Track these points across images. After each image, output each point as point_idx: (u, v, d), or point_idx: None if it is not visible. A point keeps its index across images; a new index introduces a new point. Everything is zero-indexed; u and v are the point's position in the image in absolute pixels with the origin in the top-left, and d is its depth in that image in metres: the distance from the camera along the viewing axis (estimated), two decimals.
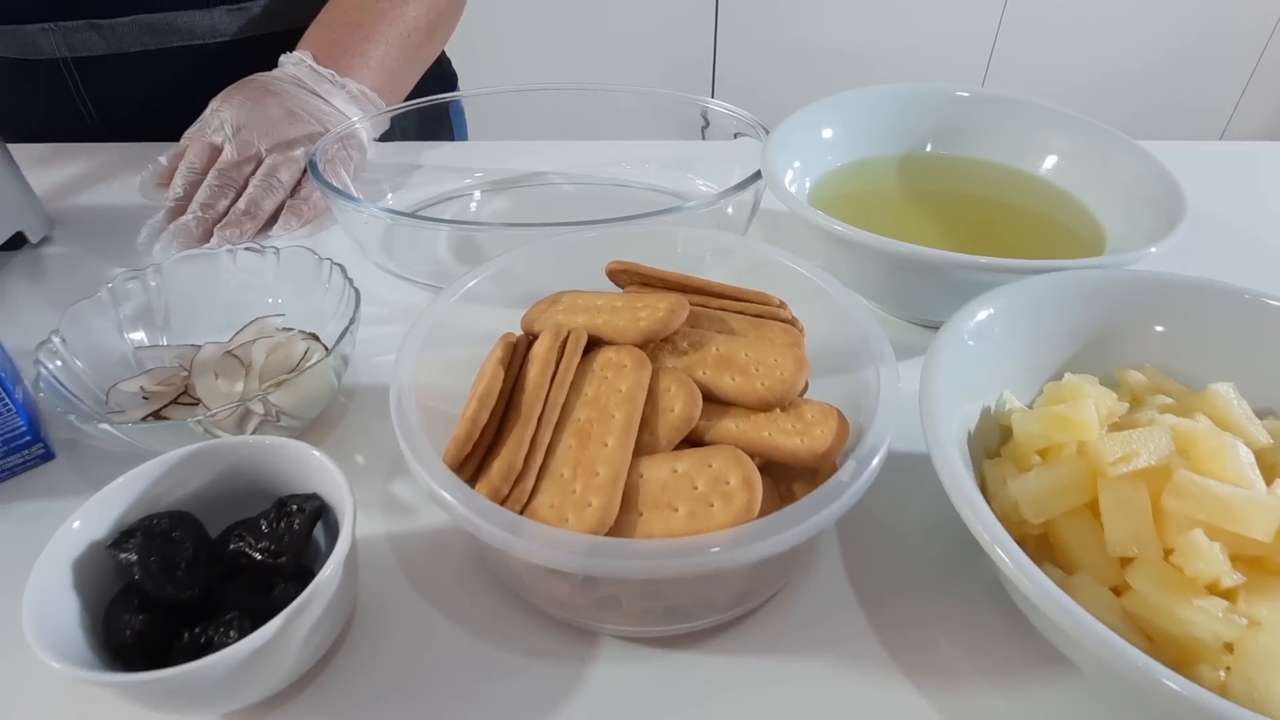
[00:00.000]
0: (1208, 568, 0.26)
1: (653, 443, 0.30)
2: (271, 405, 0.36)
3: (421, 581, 0.35)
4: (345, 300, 0.41)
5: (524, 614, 0.33)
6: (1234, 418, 0.33)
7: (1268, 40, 1.71)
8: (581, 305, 0.36)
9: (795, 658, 0.32)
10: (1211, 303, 0.37)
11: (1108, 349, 0.37)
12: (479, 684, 0.31)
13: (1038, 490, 0.30)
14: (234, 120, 0.57)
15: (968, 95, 0.52)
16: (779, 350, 0.32)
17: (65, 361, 0.38)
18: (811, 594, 0.34)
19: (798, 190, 0.49)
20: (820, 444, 0.29)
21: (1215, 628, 0.26)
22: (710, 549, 0.25)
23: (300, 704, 0.31)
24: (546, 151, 0.65)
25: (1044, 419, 0.32)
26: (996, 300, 0.36)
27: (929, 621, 0.33)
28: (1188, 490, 0.28)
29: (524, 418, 0.30)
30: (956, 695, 0.31)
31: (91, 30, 0.66)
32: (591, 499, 0.28)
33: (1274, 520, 0.27)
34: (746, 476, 0.27)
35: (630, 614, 0.31)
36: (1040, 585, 0.25)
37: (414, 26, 0.65)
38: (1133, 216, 0.45)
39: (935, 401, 0.31)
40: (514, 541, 0.26)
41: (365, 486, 0.39)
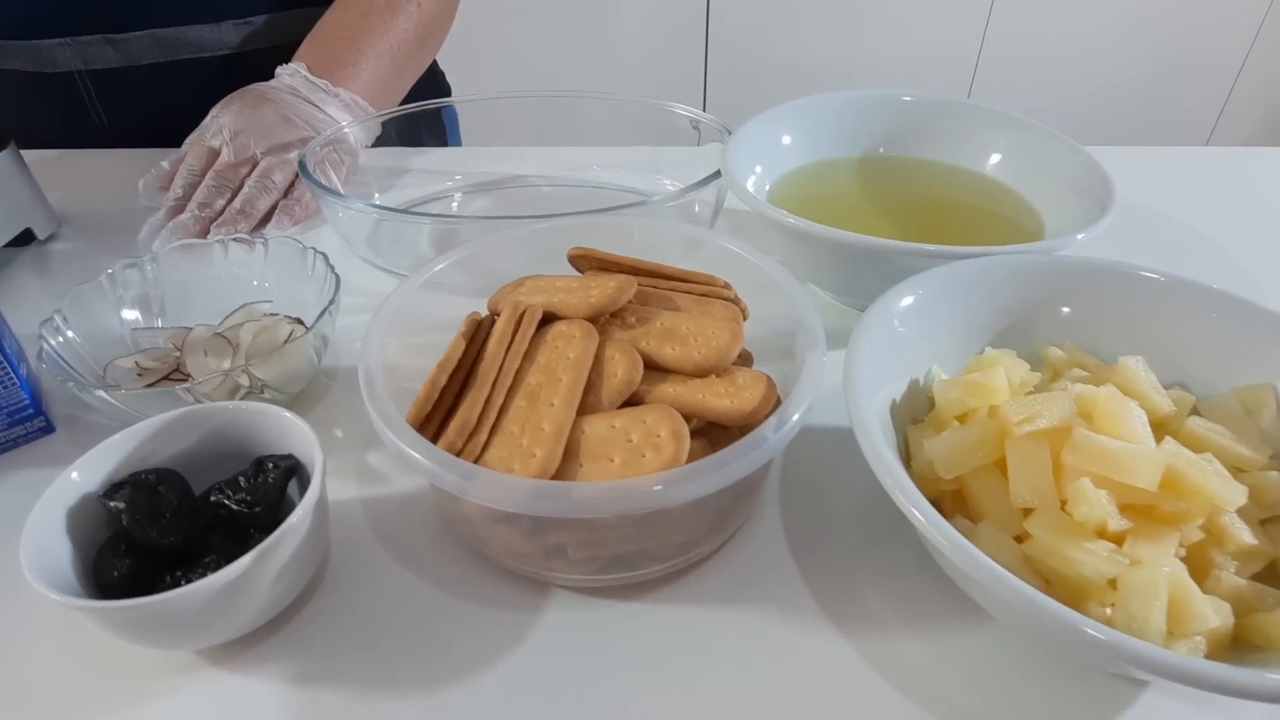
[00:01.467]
0: (1092, 511, 0.29)
1: (597, 404, 0.33)
2: (256, 378, 0.39)
3: (389, 540, 0.37)
4: (328, 287, 0.44)
5: (482, 568, 0.36)
6: (1141, 387, 0.35)
7: (1249, 50, 1.75)
8: (543, 287, 0.39)
9: (732, 609, 0.34)
10: (1127, 284, 0.39)
11: (1033, 328, 0.40)
12: (437, 631, 0.34)
13: (949, 449, 0.33)
14: (232, 125, 0.60)
15: (912, 100, 0.55)
16: (717, 323, 0.35)
17: (66, 338, 0.41)
18: (751, 552, 0.37)
19: (756, 190, 0.52)
20: (748, 404, 0.32)
21: (1100, 566, 0.28)
22: (637, 491, 0.28)
23: (271, 645, 0.33)
24: (529, 156, 0.69)
25: (960, 386, 0.35)
26: (924, 283, 0.38)
27: (858, 576, 0.36)
28: (1084, 446, 0.31)
29: (480, 382, 0.33)
30: (879, 641, 0.33)
31: (106, 45, 0.70)
32: (536, 450, 0.30)
33: (1157, 470, 0.29)
34: (675, 430, 0.30)
35: (576, 562, 0.33)
36: (939, 528, 0.28)
37: (404, 39, 0.68)
38: (1069, 207, 0.48)
39: (858, 374, 0.33)
40: (465, 486, 0.29)
41: (342, 456, 0.42)
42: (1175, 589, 0.28)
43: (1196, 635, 0.28)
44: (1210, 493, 0.30)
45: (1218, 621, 0.28)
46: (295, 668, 0.32)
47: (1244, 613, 0.30)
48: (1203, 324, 0.38)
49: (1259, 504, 0.33)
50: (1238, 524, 0.31)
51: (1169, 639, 0.28)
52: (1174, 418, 0.35)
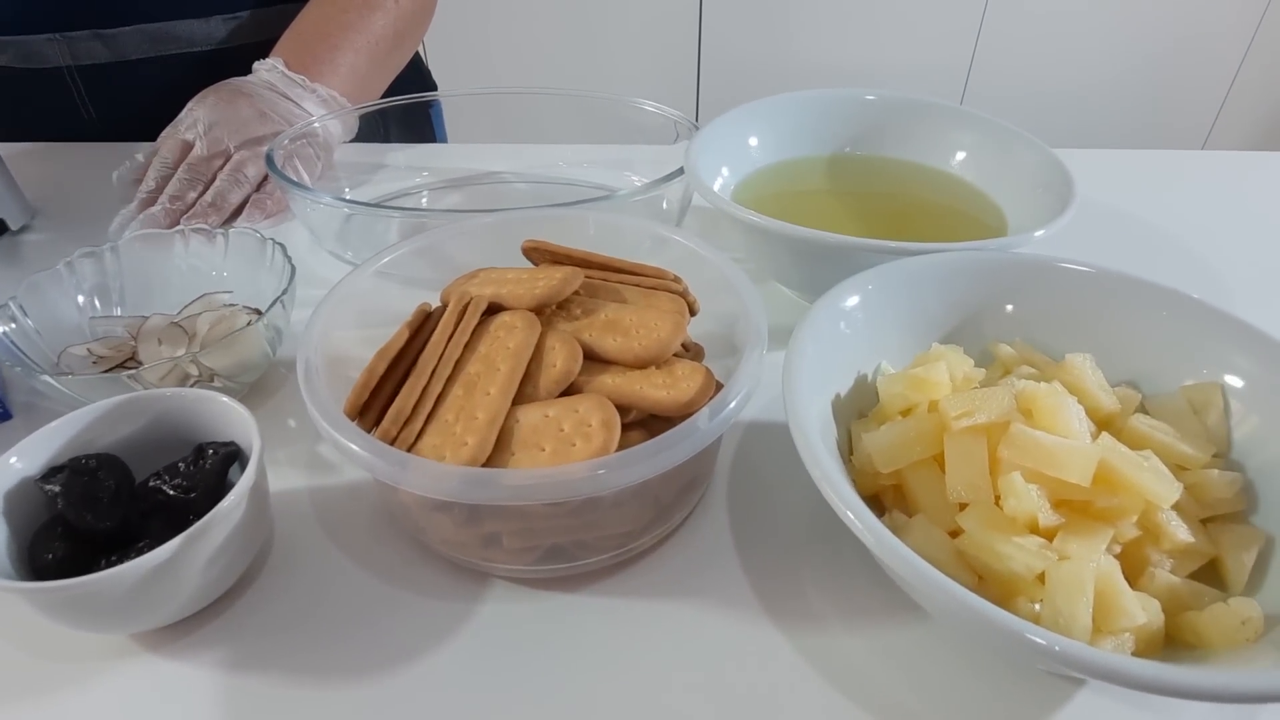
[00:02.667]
0: (1020, 504, 0.29)
1: (534, 394, 0.33)
2: (205, 367, 0.40)
3: (334, 529, 0.37)
4: (285, 277, 0.44)
5: (423, 558, 0.36)
6: (1086, 384, 0.35)
7: (1243, 56, 1.74)
8: (494, 278, 0.39)
9: (670, 601, 0.34)
10: (1079, 282, 0.39)
11: (985, 325, 0.40)
12: (376, 619, 0.34)
13: (887, 443, 0.33)
14: (206, 118, 0.61)
15: (876, 99, 0.55)
16: (661, 315, 0.35)
17: (20, 325, 0.41)
18: (695, 546, 0.37)
19: (722, 190, 0.52)
20: (684, 395, 0.32)
21: (1028, 560, 0.28)
22: (564, 479, 0.28)
23: (208, 632, 0.33)
24: (503, 152, 0.69)
25: (903, 381, 0.35)
26: (873, 279, 0.38)
27: (800, 572, 0.35)
28: (1019, 441, 0.30)
29: (419, 371, 0.33)
30: (816, 636, 0.33)
31: (95, 40, 0.70)
32: (468, 439, 0.30)
33: (1089, 465, 0.29)
34: (606, 419, 0.30)
35: (513, 552, 0.33)
36: (866, 523, 0.27)
37: (381, 35, 0.69)
38: (1033, 205, 0.48)
39: (798, 369, 0.33)
40: (396, 473, 0.29)
41: (293, 447, 0.42)
42: (1103, 585, 0.28)
43: (1124, 632, 0.28)
44: (1143, 489, 0.29)
45: (1145, 619, 0.28)
46: (230, 654, 0.32)
47: (1177, 610, 0.29)
48: (1153, 322, 0.38)
49: (1200, 502, 0.33)
50: (1175, 521, 0.31)
51: (1096, 635, 0.27)
52: (1119, 415, 0.35)
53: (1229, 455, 0.35)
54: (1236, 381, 0.35)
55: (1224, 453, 0.35)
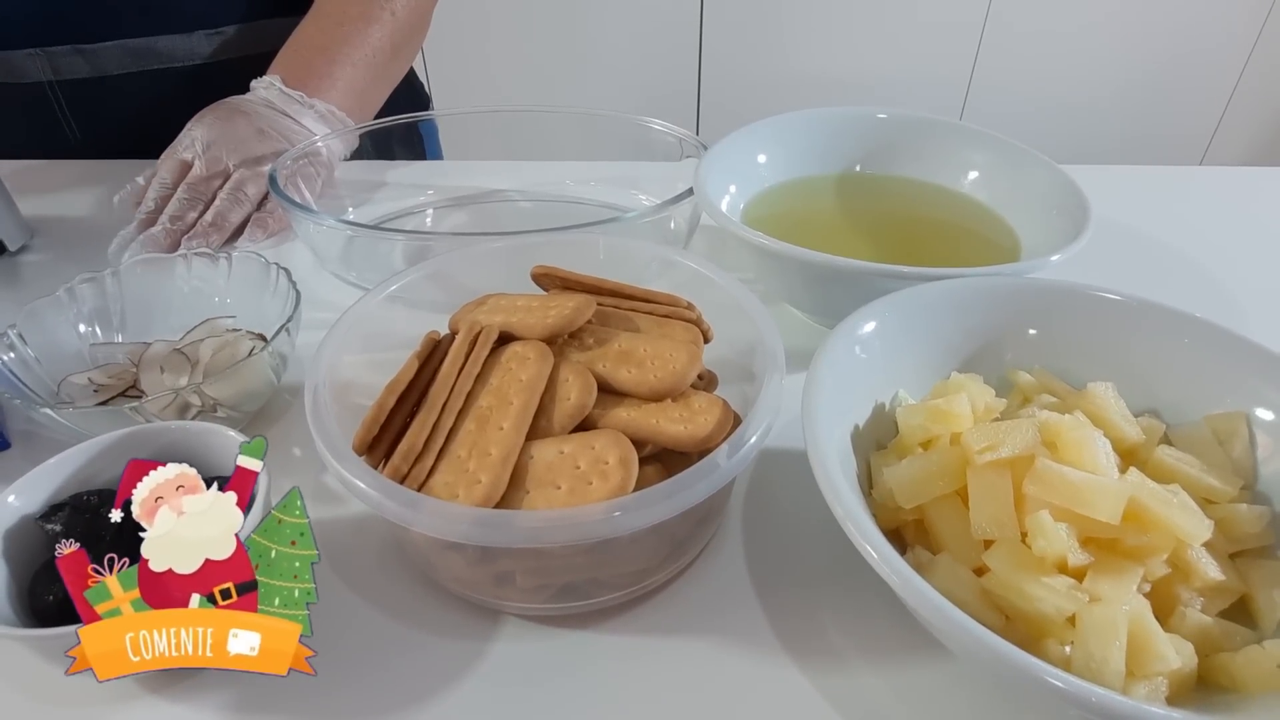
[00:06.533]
0: (1049, 545, 0.28)
1: (548, 428, 0.32)
2: (208, 397, 0.39)
3: (340, 564, 0.37)
4: (290, 303, 0.44)
5: (433, 594, 0.35)
6: (1108, 414, 0.34)
7: (1242, 69, 1.75)
8: (504, 306, 0.38)
9: (688, 639, 0.33)
10: (1099, 308, 0.39)
11: (1003, 351, 0.39)
12: (385, 659, 0.33)
13: (909, 477, 0.32)
14: (204, 138, 0.60)
15: (888, 117, 0.54)
16: (676, 346, 0.35)
17: (19, 353, 0.41)
18: (711, 580, 0.36)
19: (730, 209, 0.52)
20: (702, 430, 0.31)
21: (1058, 602, 0.28)
22: (581, 520, 0.27)
23: (212, 673, 0.32)
24: (506, 170, 0.68)
25: (923, 412, 0.34)
26: (890, 305, 0.38)
27: (819, 607, 0.35)
28: (1045, 477, 0.30)
29: (430, 404, 0.32)
30: (838, 675, 0.32)
31: (76, 55, 0.69)
32: (482, 476, 0.30)
33: (1119, 503, 0.28)
34: (624, 456, 0.29)
35: (527, 590, 0.32)
36: (891, 563, 0.27)
37: (378, 48, 0.68)
38: (1046, 227, 0.47)
39: (817, 401, 0.32)
40: (407, 515, 0.28)
41: (298, 476, 0.41)
42: (1136, 627, 0.27)
43: (1158, 676, 0.27)
44: (1174, 527, 0.29)
45: (1179, 662, 0.27)
46: (234, 696, 0.32)
47: (1210, 651, 0.29)
48: (1175, 350, 0.37)
49: (1228, 537, 0.32)
50: (1205, 558, 0.30)
51: (1129, 680, 0.27)
52: (1143, 446, 0.34)
53: (1255, 487, 0.34)
54: (1263, 412, 0.34)
55: (1250, 484, 0.34)
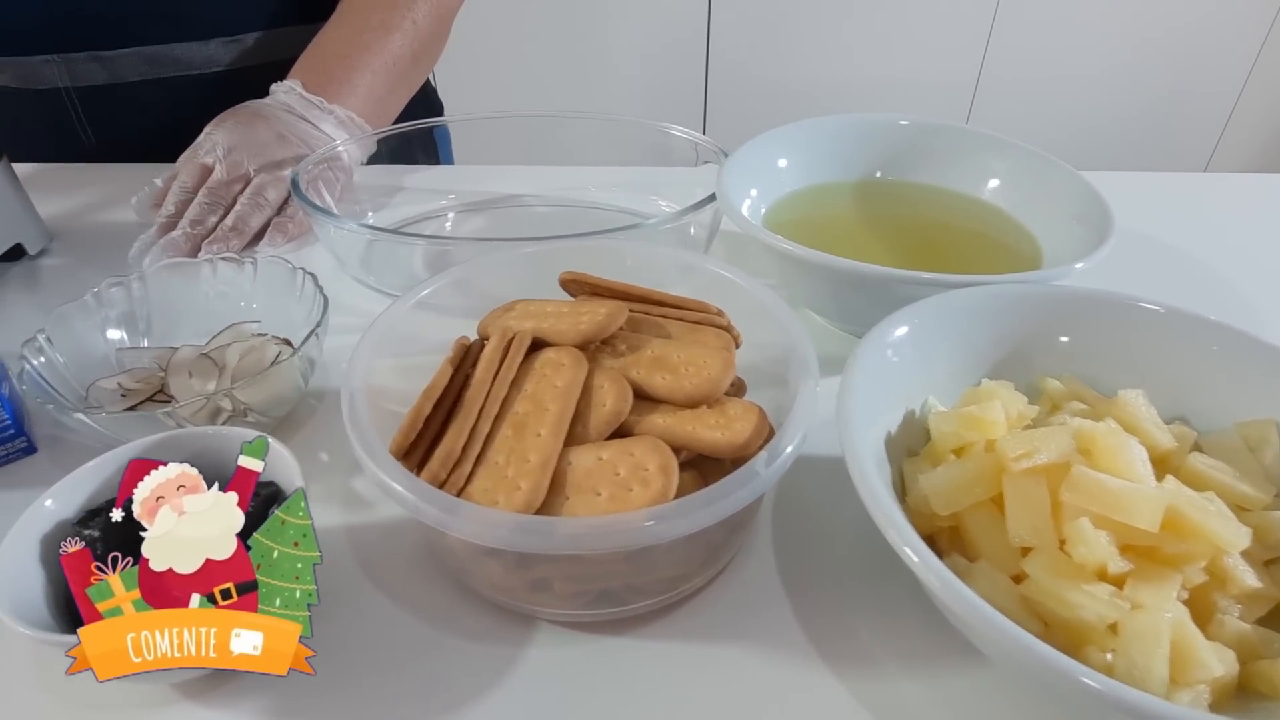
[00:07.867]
0: (1091, 553, 0.28)
1: (584, 434, 0.32)
2: (239, 402, 0.39)
3: (373, 569, 0.37)
4: (316, 308, 0.44)
5: (467, 600, 0.35)
6: (1140, 421, 0.35)
7: (1247, 75, 1.75)
8: (533, 311, 0.38)
9: (722, 645, 0.34)
10: (1126, 316, 0.39)
11: (1031, 358, 0.39)
12: (419, 665, 0.33)
13: (945, 484, 0.32)
14: (225, 142, 0.60)
15: (909, 124, 0.55)
16: (709, 352, 0.35)
17: (49, 358, 0.41)
18: (743, 586, 0.36)
19: (751, 214, 0.52)
20: (739, 437, 0.31)
21: (1100, 610, 0.28)
22: (623, 528, 0.27)
23: (248, 679, 0.32)
24: (524, 175, 0.68)
25: (956, 419, 0.34)
26: (920, 312, 0.38)
27: (852, 613, 0.35)
28: (1082, 484, 0.30)
29: (466, 410, 0.32)
30: (873, 682, 0.32)
31: (93, 61, 0.69)
32: (521, 483, 0.30)
33: (1158, 510, 0.29)
34: (664, 464, 0.29)
35: (563, 597, 0.32)
36: (933, 569, 0.27)
37: (399, 56, 0.68)
38: (1068, 235, 0.48)
39: (852, 407, 0.33)
40: (448, 520, 0.28)
41: (327, 482, 0.41)
42: (1178, 635, 0.27)
43: (1200, 684, 0.27)
44: (1213, 534, 0.29)
45: (1222, 670, 0.27)
46: (272, 702, 0.32)
47: (1248, 659, 0.29)
48: (1204, 357, 0.37)
49: (1263, 544, 0.32)
50: (1242, 566, 0.30)
51: (1171, 688, 0.27)
52: (1175, 454, 0.35)
53: None
54: None
55: None
